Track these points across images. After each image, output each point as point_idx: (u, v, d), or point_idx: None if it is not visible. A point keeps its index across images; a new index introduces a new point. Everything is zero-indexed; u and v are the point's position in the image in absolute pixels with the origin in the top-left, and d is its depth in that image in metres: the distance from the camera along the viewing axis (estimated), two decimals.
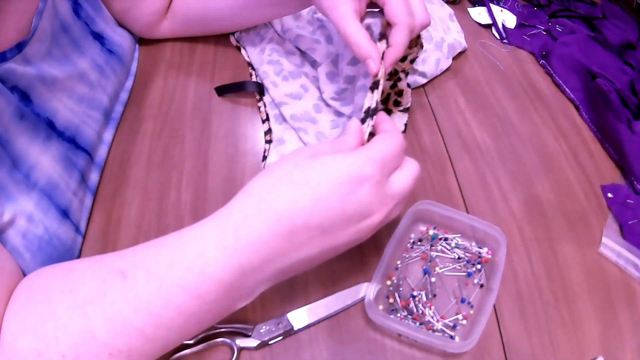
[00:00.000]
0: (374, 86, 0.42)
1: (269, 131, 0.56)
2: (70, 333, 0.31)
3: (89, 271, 0.34)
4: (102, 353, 0.31)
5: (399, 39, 0.42)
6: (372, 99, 0.41)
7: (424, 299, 0.43)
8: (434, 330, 0.41)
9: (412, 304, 0.42)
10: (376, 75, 0.42)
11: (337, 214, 0.33)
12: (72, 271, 0.34)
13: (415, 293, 0.43)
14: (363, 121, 0.40)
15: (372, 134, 0.40)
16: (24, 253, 0.38)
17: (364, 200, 0.34)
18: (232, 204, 0.34)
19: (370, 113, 0.41)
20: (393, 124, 0.40)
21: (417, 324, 0.42)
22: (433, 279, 0.44)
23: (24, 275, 0.38)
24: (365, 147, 0.36)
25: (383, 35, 0.44)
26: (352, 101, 0.54)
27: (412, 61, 0.57)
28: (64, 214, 0.43)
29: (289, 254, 0.33)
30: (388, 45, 0.43)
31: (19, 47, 0.41)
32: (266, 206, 0.32)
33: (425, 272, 0.44)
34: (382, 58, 0.42)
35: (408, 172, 0.37)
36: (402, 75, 0.54)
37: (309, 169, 0.34)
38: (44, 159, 0.43)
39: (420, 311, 0.42)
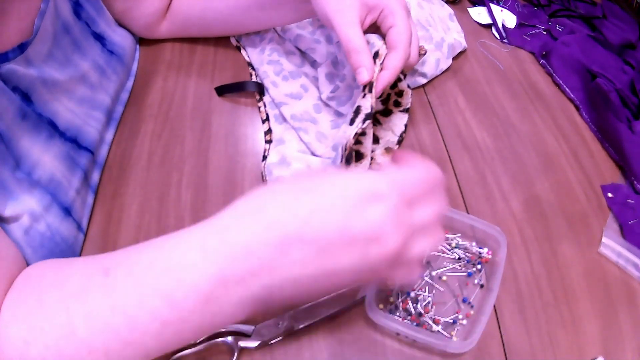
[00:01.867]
0: (368, 89, 0.42)
1: (269, 131, 0.56)
2: (54, 325, 0.31)
3: (80, 267, 0.33)
4: (81, 350, 0.30)
5: (396, 63, 0.42)
6: (364, 101, 0.41)
7: (424, 299, 0.43)
8: (433, 331, 0.41)
9: (412, 304, 0.42)
10: (365, 87, 0.42)
11: (338, 229, 0.28)
12: (66, 266, 0.34)
13: (415, 293, 0.43)
14: (352, 122, 0.41)
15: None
16: (26, 248, 0.38)
17: (373, 219, 0.28)
18: (224, 210, 0.31)
19: (365, 117, 0.40)
20: (418, 157, 0.34)
21: (417, 324, 0.42)
22: (431, 279, 0.44)
23: (28, 265, 0.38)
24: (387, 169, 0.31)
25: (377, 54, 0.44)
26: (349, 99, 0.54)
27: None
28: (67, 211, 0.43)
29: (278, 269, 0.28)
30: (381, 68, 0.43)
31: (21, 47, 0.41)
32: (259, 209, 0.29)
33: (421, 276, 0.44)
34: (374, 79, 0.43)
35: (434, 207, 0.31)
36: (401, 75, 0.54)
37: (316, 178, 0.30)
38: (46, 157, 0.43)
39: (420, 311, 0.42)
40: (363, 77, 0.41)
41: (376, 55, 0.44)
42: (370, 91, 0.42)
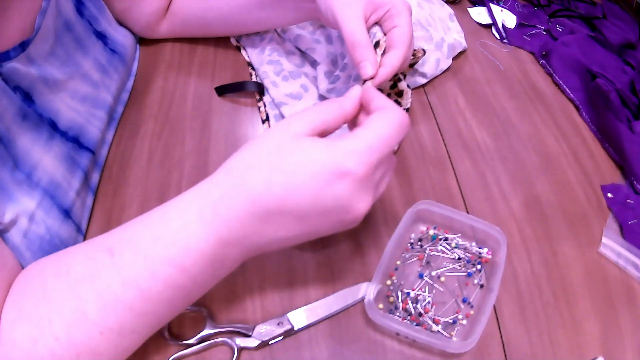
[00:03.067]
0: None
1: None
2: (63, 314, 0.32)
3: (81, 253, 0.35)
4: (92, 332, 0.32)
5: (395, 62, 0.42)
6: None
7: (424, 299, 0.43)
8: (433, 331, 0.41)
9: (412, 304, 0.42)
10: (365, 81, 0.42)
11: (311, 205, 0.32)
12: (65, 255, 0.35)
13: (415, 293, 0.43)
14: None
15: None
16: (24, 252, 0.38)
17: (341, 194, 0.32)
18: (212, 178, 0.34)
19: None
20: (387, 100, 0.36)
21: (417, 324, 0.42)
22: (431, 279, 0.44)
23: None
24: (351, 135, 0.33)
25: (377, 44, 0.43)
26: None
27: (412, 65, 0.57)
28: (66, 213, 0.43)
29: (265, 233, 0.33)
30: (380, 64, 0.43)
31: (23, 46, 0.41)
32: (241, 187, 0.32)
33: (420, 276, 0.44)
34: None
35: (391, 167, 0.37)
36: (401, 75, 0.54)
37: (288, 153, 0.32)
38: (46, 158, 0.43)
39: (420, 311, 0.42)
40: (367, 71, 0.42)
41: (376, 45, 0.44)
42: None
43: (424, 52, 0.55)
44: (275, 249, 0.36)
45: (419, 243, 0.47)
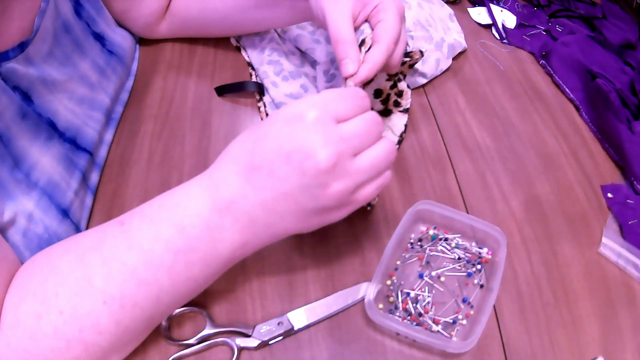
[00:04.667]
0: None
1: None
2: (68, 284, 0.33)
3: (91, 231, 0.37)
4: (96, 301, 0.33)
5: (376, 57, 0.42)
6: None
7: (424, 299, 0.43)
8: (433, 331, 0.41)
9: (412, 304, 0.42)
10: (346, 79, 0.42)
11: (273, 151, 0.34)
12: (75, 236, 0.38)
13: (415, 293, 0.43)
14: None
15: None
16: (23, 251, 0.38)
17: (297, 135, 0.33)
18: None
19: None
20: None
21: (417, 324, 0.42)
22: (431, 279, 0.44)
23: None
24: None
25: (363, 42, 0.43)
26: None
27: (411, 66, 0.57)
28: (64, 213, 0.43)
29: (248, 195, 0.35)
30: (363, 61, 0.42)
31: (22, 46, 0.41)
32: (228, 153, 0.36)
33: (420, 276, 0.44)
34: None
35: (362, 119, 0.35)
36: (401, 76, 0.54)
37: (264, 121, 0.36)
38: (44, 158, 0.43)
39: (420, 311, 0.42)
40: (348, 69, 0.41)
41: (362, 43, 0.43)
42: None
43: (422, 53, 0.55)
44: (267, 227, 0.36)
45: (419, 243, 0.47)
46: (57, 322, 0.32)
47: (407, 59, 0.54)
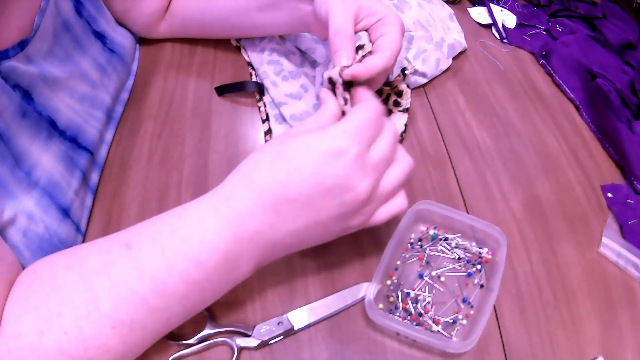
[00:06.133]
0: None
1: (269, 131, 0.56)
2: (74, 306, 0.32)
3: (94, 247, 0.35)
4: (104, 325, 0.32)
5: (376, 63, 0.42)
6: (333, 71, 0.41)
7: (424, 299, 0.43)
8: (433, 331, 0.41)
9: (412, 304, 0.42)
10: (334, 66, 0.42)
11: (311, 186, 0.34)
12: (77, 250, 0.36)
13: (415, 293, 0.43)
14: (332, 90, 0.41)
15: None
16: (24, 251, 0.38)
17: (339, 172, 0.34)
18: (226, 180, 0.37)
19: (341, 84, 0.41)
20: (368, 92, 0.41)
21: (417, 324, 0.42)
22: (431, 279, 0.44)
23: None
24: (341, 121, 0.36)
25: (361, 47, 0.43)
26: None
27: (404, 72, 0.57)
28: (65, 213, 0.43)
29: (276, 225, 0.35)
30: (360, 60, 0.43)
31: (22, 45, 0.41)
32: (250, 181, 0.35)
33: (420, 276, 0.44)
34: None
35: (386, 140, 0.37)
36: (401, 75, 0.54)
37: (288, 144, 0.35)
38: (45, 157, 0.43)
39: (420, 311, 0.42)
40: (342, 60, 0.41)
41: (360, 47, 0.43)
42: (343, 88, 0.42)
43: (414, 70, 0.56)
44: (287, 249, 0.37)
45: (419, 243, 0.47)
46: (62, 340, 0.31)
47: (395, 71, 0.55)
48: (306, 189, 0.34)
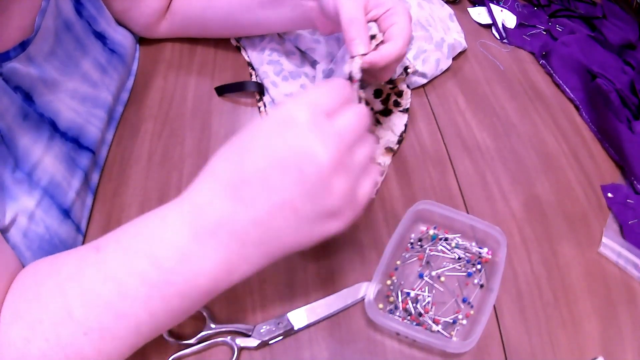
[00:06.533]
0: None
1: None
2: (50, 313, 0.32)
3: (74, 252, 0.35)
4: (77, 332, 0.31)
5: (390, 50, 0.43)
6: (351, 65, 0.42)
7: (424, 299, 0.43)
8: (433, 331, 0.41)
9: (412, 304, 0.42)
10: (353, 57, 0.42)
11: (265, 161, 0.30)
12: (60, 256, 0.36)
13: (415, 293, 0.43)
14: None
15: None
16: (24, 251, 0.38)
17: (292, 141, 0.30)
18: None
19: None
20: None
21: (417, 324, 0.42)
22: (431, 279, 0.44)
23: None
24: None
25: (373, 37, 0.44)
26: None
27: (406, 70, 0.57)
28: (66, 213, 0.43)
29: (237, 214, 0.31)
30: (375, 48, 0.43)
31: (23, 46, 0.41)
32: (208, 172, 0.33)
33: (420, 276, 0.44)
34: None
35: (352, 111, 0.33)
36: (402, 75, 0.54)
37: (246, 127, 0.33)
38: (46, 158, 0.43)
39: (420, 311, 0.42)
40: (358, 49, 0.42)
41: (372, 37, 0.44)
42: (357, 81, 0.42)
43: (414, 70, 0.57)
44: (260, 246, 0.32)
45: (419, 243, 0.47)
46: (44, 347, 0.31)
47: (405, 58, 0.54)
48: (260, 165, 0.30)
